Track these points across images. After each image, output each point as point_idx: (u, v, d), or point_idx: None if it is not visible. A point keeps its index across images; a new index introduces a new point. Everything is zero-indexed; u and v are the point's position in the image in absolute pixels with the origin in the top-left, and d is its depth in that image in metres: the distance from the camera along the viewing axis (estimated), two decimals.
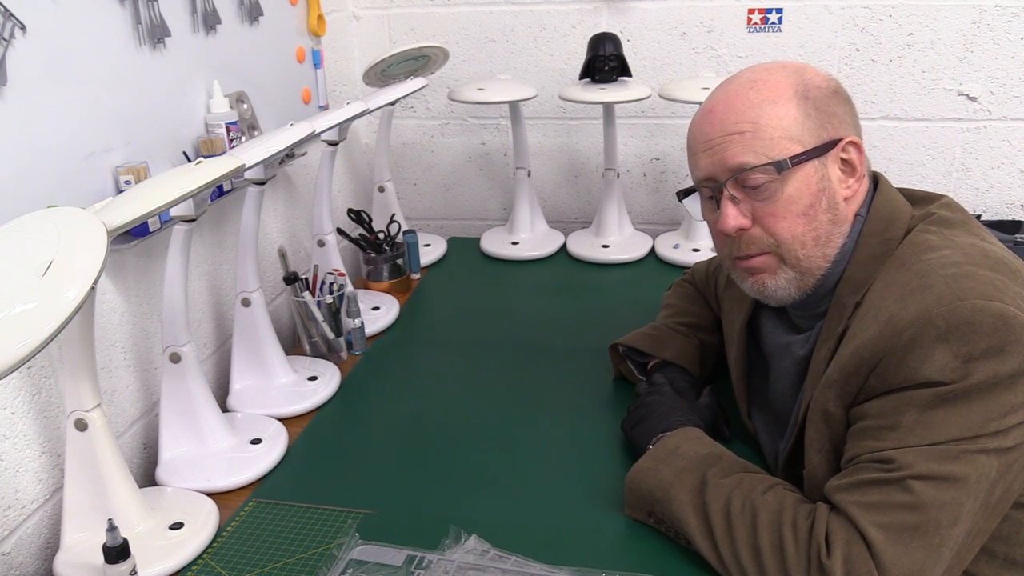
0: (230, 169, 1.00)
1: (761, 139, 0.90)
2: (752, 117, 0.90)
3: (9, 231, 0.84)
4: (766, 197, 0.91)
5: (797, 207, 0.90)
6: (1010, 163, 1.86)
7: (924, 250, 0.86)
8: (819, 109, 0.91)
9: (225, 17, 1.39)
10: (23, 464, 1.01)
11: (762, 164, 0.89)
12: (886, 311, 0.83)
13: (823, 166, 0.90)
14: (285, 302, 1.63)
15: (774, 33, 1.84)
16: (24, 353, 0.70)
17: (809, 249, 0.92)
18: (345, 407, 1.32)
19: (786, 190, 0.90)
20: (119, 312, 1.17)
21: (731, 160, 0.91)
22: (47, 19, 1.01)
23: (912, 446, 0.79)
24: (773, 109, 0.90)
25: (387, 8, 1.99)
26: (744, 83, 0.93)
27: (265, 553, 0.99)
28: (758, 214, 0.92)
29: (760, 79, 0.92)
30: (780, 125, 0.90)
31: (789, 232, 0.91)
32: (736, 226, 0.93)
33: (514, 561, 0.92)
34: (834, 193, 0.91)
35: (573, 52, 1.93)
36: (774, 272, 0.94)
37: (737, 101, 0.92)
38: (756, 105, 0.90)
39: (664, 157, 2.01)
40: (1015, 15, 1.74)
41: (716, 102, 0.94)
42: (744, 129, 0.90)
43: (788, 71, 0.93)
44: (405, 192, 2.14)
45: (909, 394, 0.80)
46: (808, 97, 0.91)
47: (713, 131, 0.93)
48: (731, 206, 0.92)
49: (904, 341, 0.80)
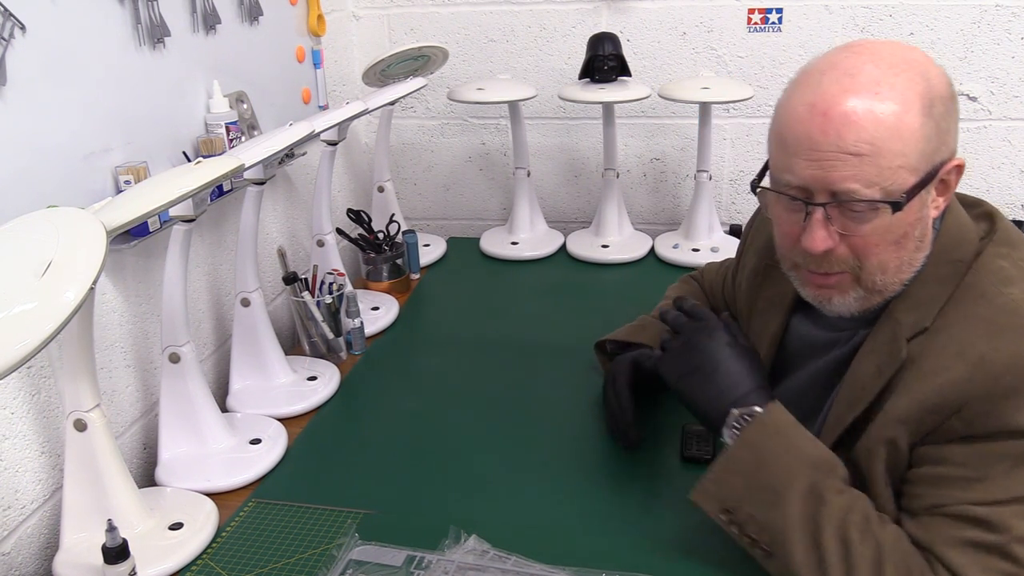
0: (230, 169, 1.00)
1: (879, 167, 0.79)
2: (873, 138, 0.78)
3: (9, 231, 0.83)
4: (863, 222, 0.82)
5: (891, 236, 0.83)
6: (1010, 163, 1.86)
7: (1003, 281, 0.82)
8: (939, 128, 0.80)
9: (225, 17, 1.39)
10: (23, 464, 1.01)
11: (874, 199, 0.80)
12: (975, 350, 0.78)
13: (927, 193, 0.83)
14: (284, 302, 1.62)
15: (774, 33, 1.84)
16: (24, 353, 0.70)
17: (890, 276, 0.86)
18: (345, 407, 1.31)
19: (888, 218, 0.81)
20: (118, 312, 1.17)
21: (839, 183, 0.80)
22: (47, 19, 1.00)
23: (1005, 503, 0.77)
24: (897, 132, 0.78)
25: (387, 8, 1.99)
26: (868, 83, 0.79)
27: (265, 553, 0.99)
28: (848, 234, 0.83)
29: (885, 80, 0.79)
30: (901, 152, 0.79)
31: (877, 259, 0.84)
32: (824, 249, 0.84)
33: (514, 561, 0.92)
34: (927, 220, 0.85)
35: (573, 52, 1.93)
36: (845, 291, 0.88)
37: (859, 108, 0.79)
38: (879, 122, 0.78)
39: (664, 157, 2.01)
40: (1015, 15, 1.74)
41: (832, 102, 0.80)
42: (862, 151, 0.79)
43: (914, 69, 0.80)
44: (405, 192, 2.14)
45: (1001, 445, 0.77)
46: (932, 114, 0.80)
47: (825, 141, 0.80)
48: (822, 227, 0.83)
49: (1000, 387, 0.76)
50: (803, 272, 0.90)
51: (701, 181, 1.80)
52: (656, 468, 1.12)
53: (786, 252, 0.92)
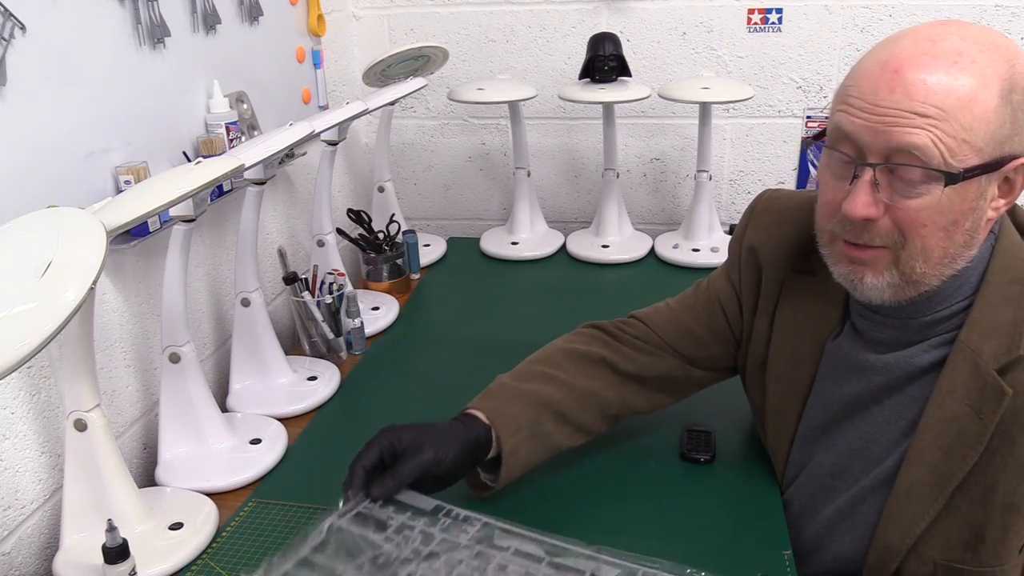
0: (230, 169, 1.00)
1: (943, 133, 0.74)
2: (944, 102, 0.74)
3: (8, 231, 0.84)
4: (915, 196, 0.77)
5: (942, 219, 0.78)
6: None
7: None
8: (1015, 118, 0.76)
9: (225, 17, 1.39)
10: (23, 464, 1.01)
11: (931, 166, 0.75)
12: None
13: (988, 183, 0.78)
14: (285, 302, 1.62)
15: (774, 33, 1.84)
16: (24, 353, 0.70)
17: (932, 265, 0.80)
18: (345, 407, 1.32)
19: (943, 196, 0.76)
20: (118, 312, 1.17)
21: (896, 142, 0.76)
22: (47, 19, 1.00)
23: None
24: (970, 103, 0.74)
25: (387, 8, 1.99)
26: (948, 51, 0.75)
27: (265, 553, 0.99)
28: (896, 206, 0.78)
29: (967, 53, 0.75)
30: (970, 126, 0.74)
31: (922, 241, 0.79)
32: (865, 216, 0.79)
33: None
34: (982, 214, 0.80)
35: (573, 52, 1.93)
36: (880, 271, 0.82)
37: (934, 72, 0.75)
38: (951, 91, 0.74)
39: (664, 157, 2.01)
40: (1015, 15, 1.74)
41: (907, 63, 0.76)
42: (929, 113, 0.74)
43: (1000, 53, 0.76)
44: (405, 192, 2.14)
45: None
46: (1011, 100, 0.75)
47: (891, 98, 0.76)
48: (869, 191, 0.78)
49: None
50: (839, 244, 0.85)
51: (701, 181, 1.80)
52: (656, 468, 1.12)
53: (824, 223, 0.86)
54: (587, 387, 1.06)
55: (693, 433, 1.15)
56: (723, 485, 1.08)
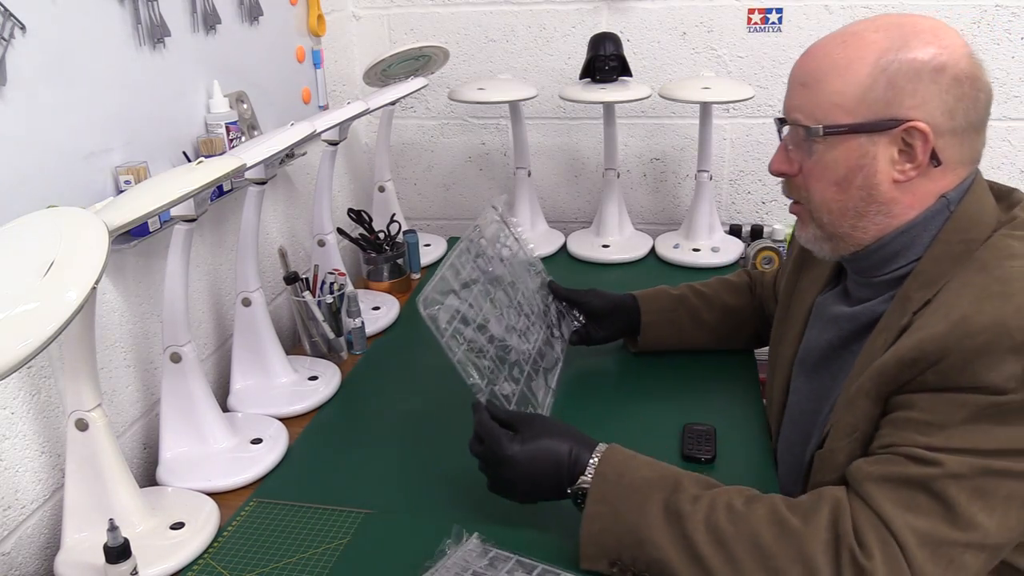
0: (230, 169, 1.00)
1: (816, 99, 0.91)
2: (819, 74, 0.91)
3: (9, 231, 0.84)
4: (807, 154, 0.93)
5: (831, 174, 0.92)
6: (1010, 163, 1.86)
7: (1007, 256, 0.84)
8: (893, 85, 0.86)
9: (225, 17, 1.39)
10: (23, 464, 1.01)
11: (802, 124, 0.92)
12: (959, 310, 0.80)
13: (871, 143, 0.89)
14: (285, 302, 1.62)
15: (774, 33, 1.84)
16: (25, 353, 0.70)
17: (835, 217, 0.94)
18: (345, 407, 1.32)
19: (826, 154, 0.91)
20: (119, 312, 1.17)
21: (787, 106, 0.95)
22: (47, 19, 1.00)
23: (956, 450, 0.78)
24: (840, 74, 0.89)
25: (387, 8, 1.99)
26: (845, 34, 0.92)
27: (266, 553, 0.99)
28: (802, 166, 0.94)
29: (857, 35, 0.90)
30: (838, 91, 0.89)
31: (819, 195, 0.94)
32: (776, 169, 0.97)
33: (516, 561, 0.91)
34: (875, 173, 0.89)
35: (573, 52, 1.93)
36: (805, 224, 0.98)
37: (821, 51, 0.92)
38: (830, 63, 0.90)
39: (664, 157, 2.01)
40: (1015, 15, 1.74)
41: (814, 45, 0.94)
42: (808, 82, 0.92)
43: (898, 32, 0.88)
44: (405, 192, 2.14)
45: (966, 397, 0.78)
46: (887, 70, 0.87)
47: (795, 72, 0.95)
48: (781, 150, 0.96)
49: (976, 344, 0.78)
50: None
51: (701, 181, 1.80)
52: None
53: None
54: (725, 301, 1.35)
55: (694, 432, 1.15)
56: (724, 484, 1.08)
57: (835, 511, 0.80)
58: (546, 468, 0.94)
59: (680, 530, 0.84)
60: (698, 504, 0.85)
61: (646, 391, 1.29)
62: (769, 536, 0.81)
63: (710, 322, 1.34)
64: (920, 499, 0.78)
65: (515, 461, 0.95)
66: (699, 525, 0.83)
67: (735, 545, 0.81)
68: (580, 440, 0.95)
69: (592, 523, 0.89)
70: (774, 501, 0.84)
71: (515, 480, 0.96)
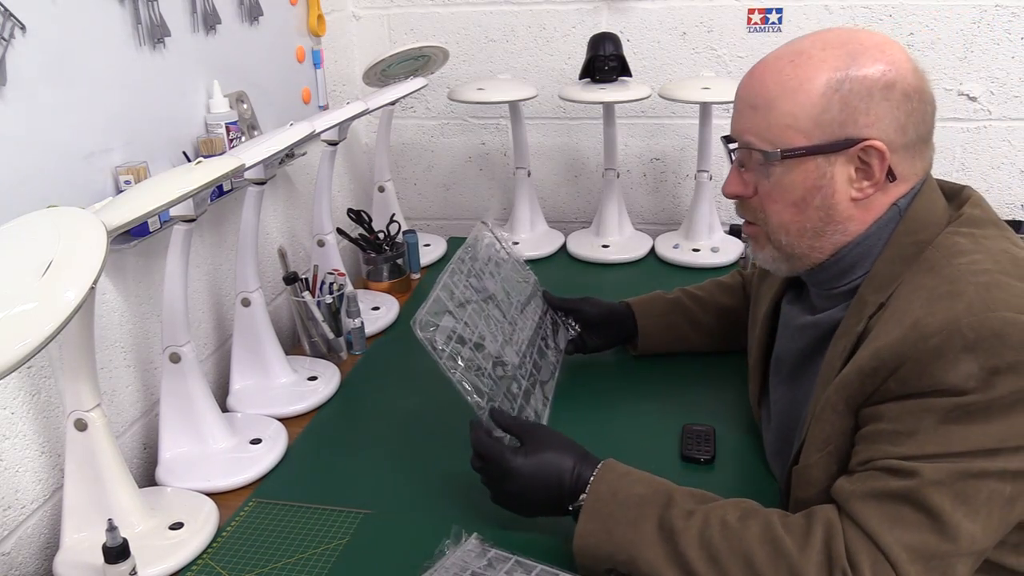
0: (230, 169, 1.00)
1: (768, 122, 0.89)
2: (770, 96, 0.89)
3: (9, 231, 0.84)
4: (764, 176, 0.91)
5: (789, 196, 0.90)
6: (1010, 163, 1.86)
7: (954, 254, 0.84)
8: (847, 105, 0.85)
9: (225, 17, 1.39)
10: (23, 464, 1.01)
11: (758, 148, 0.90)
12: (911, 315, 0.80)
13: (828, 164, 0.88)
14: (285, 302, 1.62)
15: (774, 33, 1.84)
16: (24, 353, 0.70)
17: (793, 238, 0.92)
18: (345, 407, 1.32)
19: (784, 177, 0.89)
20: (119, 312, 1.17)
21: (737, 130, 0.93)
22: (47, 19, 1.00)
23: (931, 457, 0.77)
24: (792, 96, 0.87)
25: (387, 8, 1.99)
26: (792, 52, 0.89)
27: (265, 553, 0.99)
28: (758, 188, 0.93)
29: (806, 54, 0.88)
30: (791, 113, 0.87)
31: (776, 216, 0.92)
32: (731, 192, 0.95)
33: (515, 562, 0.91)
34: (833, 193, 0.89)
35: (573, 52, 1.93)
36: (762, 245, 0.97)
37: (770, 72, 0.90)
38: (780, 85, 0.88)
39: (664, 157, 2.01)
40: (1015, 15, 1.74)
41: (760, 64, 0.92)
42: (758, 105, 0.90)
43: (844, 50, 0.87)
44: (405, 192, 2.14)
45: (930, 401, 0.78)
46: (840, 90, 0.85)
47: (741, 93, 0.93)
48: (735, 172, 0.95)
49: (930, 348, 0.77)
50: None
51: (701, 181, 1.80)
52: (656, 468, 1.11)
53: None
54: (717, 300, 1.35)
55: (693, 432, 1.15)
56: (723, 484, 1.07)
57: (828, 532, 0.80)
58: (549, 482, 0.94)
59: (673, 547, 0.84)
60: (692, 520, 0.85)
61: (645, 392, 1.29)
62: (762, 555, 0.81)
63: (706, 324, 1.34)
64: (905, 512, 0.77)
65: (519, 473, 0.95)
66: (692, 541, 0.83)
67: (728, 563, 0.81)
68: (583, 457, 0.95)
69: (585, 540, 0.89)
70: (769, 518, 0.84)
71: (518, 493, 0.96)
